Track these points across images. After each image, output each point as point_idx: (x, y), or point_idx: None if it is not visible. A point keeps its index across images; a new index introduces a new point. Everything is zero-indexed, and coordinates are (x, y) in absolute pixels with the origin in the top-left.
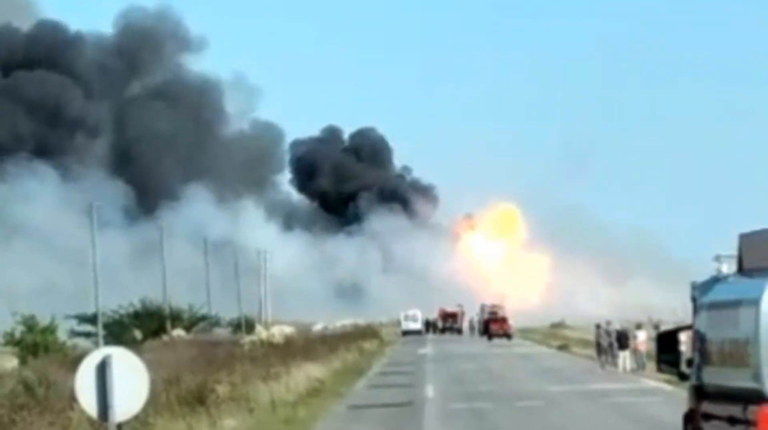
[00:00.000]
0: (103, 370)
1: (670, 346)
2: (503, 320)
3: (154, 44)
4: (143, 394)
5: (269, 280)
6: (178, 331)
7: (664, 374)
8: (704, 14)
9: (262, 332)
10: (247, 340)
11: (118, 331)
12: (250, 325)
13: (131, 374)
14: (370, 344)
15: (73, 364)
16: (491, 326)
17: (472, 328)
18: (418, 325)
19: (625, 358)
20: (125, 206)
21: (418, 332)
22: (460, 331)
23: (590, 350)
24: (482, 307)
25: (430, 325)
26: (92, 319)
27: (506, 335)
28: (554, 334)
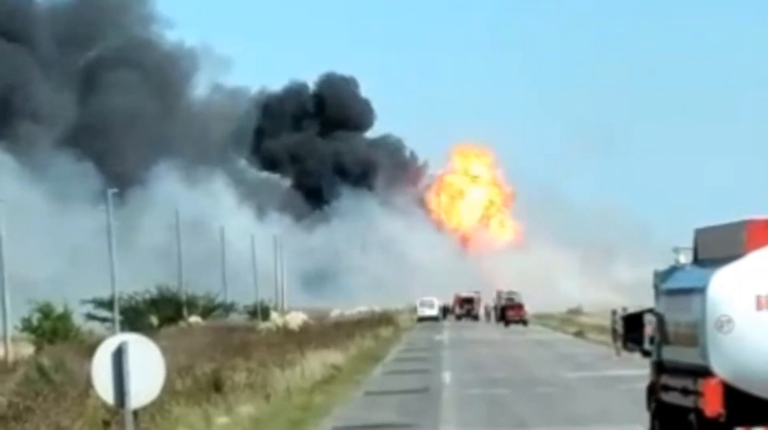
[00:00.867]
0: (119, 356)
1: (635, 327)
2: (519, 307)
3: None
4: (159, 380)
5: (285, 267)
6: (194, 317)
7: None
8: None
9: (277, 319)
10: (263, 326)
11: (134, 317)
12: (265, 311)
13: (147, 361)
14: (386, 331)
15: (89, 350)
16: (507, 312)
17: (488, 314)
18: (434, 311)
19: None
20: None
21: (434, 319)
22: (476, 317)
23: (606, 336)
24: (498, 293)
25: (446, 311)
26: (108, 304)
27: (522, 321)
28: (570, 320)
